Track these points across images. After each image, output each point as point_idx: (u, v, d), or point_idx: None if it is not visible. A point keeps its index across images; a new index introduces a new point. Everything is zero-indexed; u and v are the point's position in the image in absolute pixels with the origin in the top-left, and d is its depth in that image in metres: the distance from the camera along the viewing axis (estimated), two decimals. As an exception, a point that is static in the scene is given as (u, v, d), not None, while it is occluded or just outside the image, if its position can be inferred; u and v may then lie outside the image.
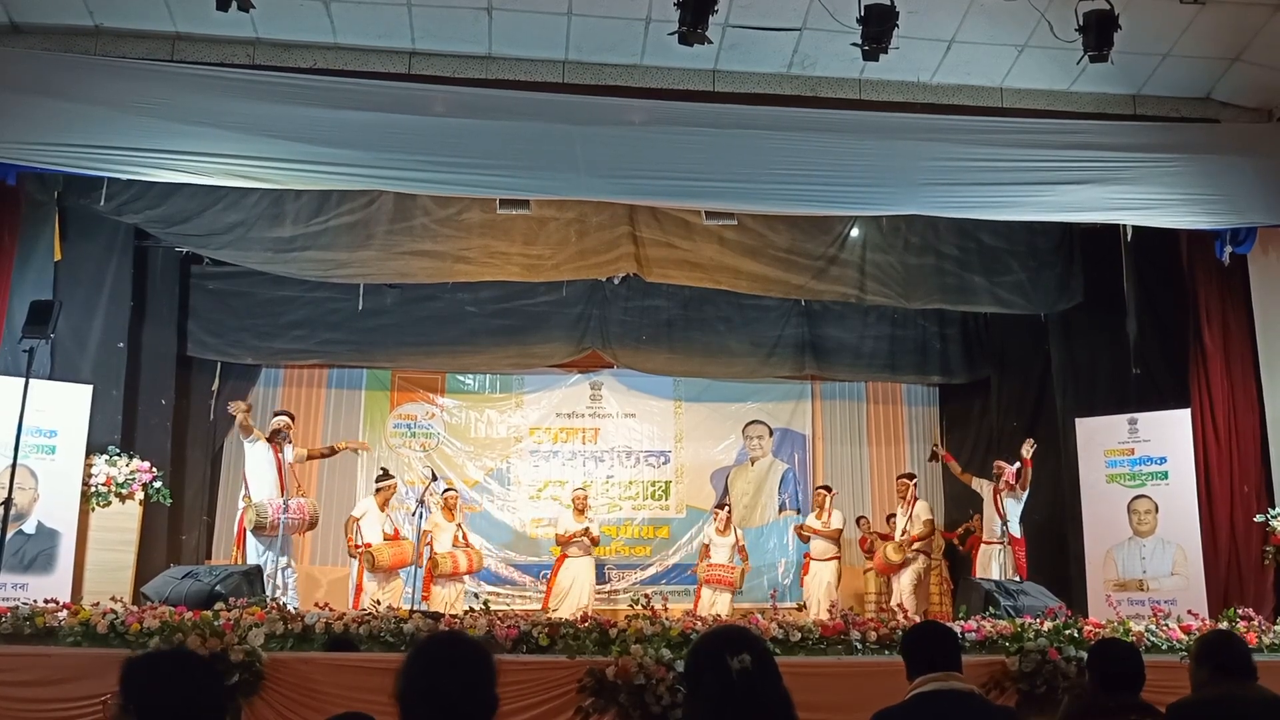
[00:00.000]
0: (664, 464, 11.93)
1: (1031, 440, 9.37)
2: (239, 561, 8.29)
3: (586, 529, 10.26)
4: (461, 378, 11.83)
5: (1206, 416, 9.07)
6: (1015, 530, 9.39)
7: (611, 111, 8.18)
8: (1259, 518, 8.60)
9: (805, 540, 10.80)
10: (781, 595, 10.96)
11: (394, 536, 9.42)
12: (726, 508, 10.83)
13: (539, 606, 9.92)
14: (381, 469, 9.98)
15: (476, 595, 9.40)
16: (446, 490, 10.41)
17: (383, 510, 9.47)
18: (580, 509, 10.38)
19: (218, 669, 2.47)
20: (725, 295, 10.53)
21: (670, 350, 11.06)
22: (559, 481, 11.35)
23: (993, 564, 9.40)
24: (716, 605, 10.10)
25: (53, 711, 5.04)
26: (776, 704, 2.34)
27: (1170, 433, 9.08)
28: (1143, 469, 9.18)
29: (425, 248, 9.31)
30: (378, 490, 9.51)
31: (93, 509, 8.53)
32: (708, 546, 10.63)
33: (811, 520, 10.77)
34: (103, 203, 8.47)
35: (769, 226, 9.49)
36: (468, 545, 10.15)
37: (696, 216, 9.24)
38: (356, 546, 9.19)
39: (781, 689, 2.35)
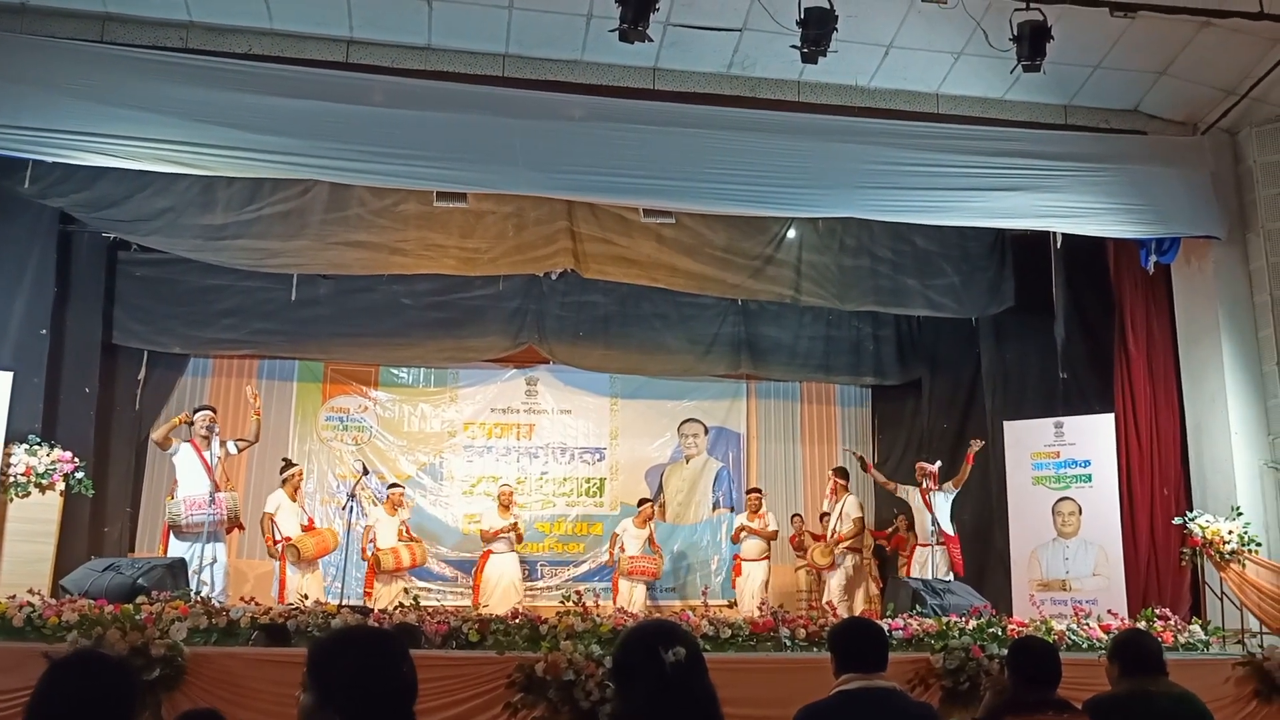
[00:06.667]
0: (599, 461, 11.91)
1: (979, 440, 9.50)
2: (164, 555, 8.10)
3: (514, 524, 10.20)
4: (395, 371, 11.69)
5: (1129, 421, 9.31)
6: (947, 528, 9.49)
7: (551, 106, 8.17)
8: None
9: (737, 541, 10.80)
10: (713, 592, 11.01)
11: (310, 526, 9.40)
12: (649, 503, 10.83)
13: (470, 603, 9.86)
14: (284, 459, 9.86)
15: (406, 590, 9.33)
16: (392, 486, 10.33)
17: (294, 499, 9.37)
18: (505, 504, 10.31)
19: (131, 671, 2.35)
20: (662, 292, 10.52)
21: (607, 346, 11.05)
22: (493, 477, 11.25)
23: (927, 565, 9.50)
24: (634, 597, 10.12)
25: (-35, 706, 4.91)
26: (706, 697, 2.35)
27: (1094, 436, 9.29)
28: (1067, 472, 9.38)
29: (360, 239, 9.20)
30: (284, 480, 9.37)
31: (11, 499, 8.29)
32: (619, 538, 10.54)
33: (745, 521, 10.71)
34: (26, 185, 8.22)
35: (707, 225, 9.54)
36: (411, 540, 10.06)
37: (634, 214, 9.27)
38: (276, 542, 9.02)
39: (709, 683, 2.36)
